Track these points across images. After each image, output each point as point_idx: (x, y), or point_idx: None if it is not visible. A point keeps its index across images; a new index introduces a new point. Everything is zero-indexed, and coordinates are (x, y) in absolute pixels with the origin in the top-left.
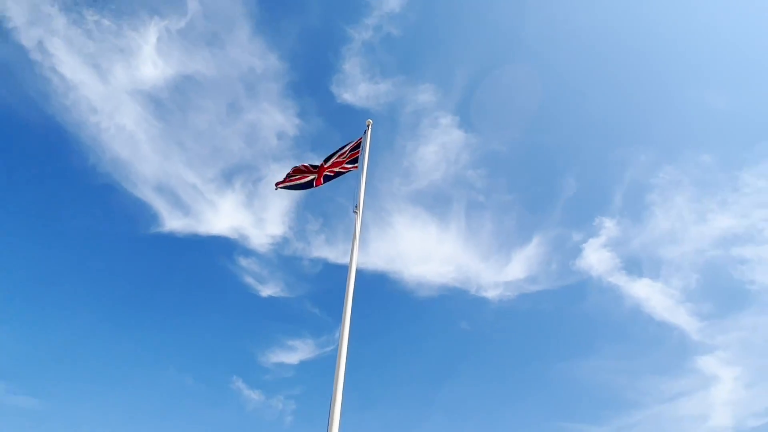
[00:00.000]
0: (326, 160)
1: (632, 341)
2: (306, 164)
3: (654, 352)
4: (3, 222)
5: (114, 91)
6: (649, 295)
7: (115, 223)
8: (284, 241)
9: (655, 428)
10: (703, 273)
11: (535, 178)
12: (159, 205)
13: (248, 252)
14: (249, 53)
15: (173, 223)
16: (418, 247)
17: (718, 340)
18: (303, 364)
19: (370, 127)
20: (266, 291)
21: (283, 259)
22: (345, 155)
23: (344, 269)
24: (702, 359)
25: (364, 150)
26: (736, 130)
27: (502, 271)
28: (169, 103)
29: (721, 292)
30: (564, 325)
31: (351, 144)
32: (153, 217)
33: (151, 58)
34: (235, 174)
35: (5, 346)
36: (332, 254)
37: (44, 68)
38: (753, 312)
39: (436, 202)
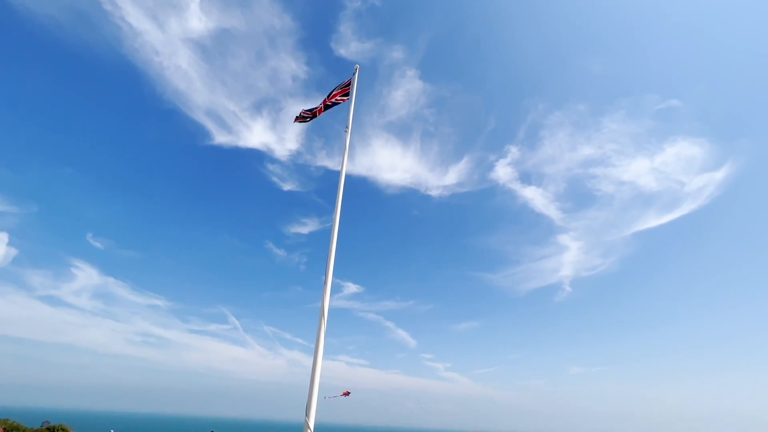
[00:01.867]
0: (328, 96)
1: (519, 224)
2: (306, 110)
3: (532, 231)
4: (100, 134)
5: (170, 38)
6: (534, 196)
7: (180, 136)
8: (298, 153)
9: (527, 276)
10: (569, 183)
11: (468, 117)
12: (210, 125)
13: (274, 160)
14: (270, 14)
15: (221, 138)
16: (388, 161)
17: (572, 225)
18: (311, 234)
19: (357, 70)
20: (287, 187)
21: (297, 166)
22: (340, 91)
23: (338, 173)
24: (560, 236)
25: (352, 86)
26: (603, 87)
27: (442, 179)
28: (212, 50)
29: (577, 196)
30: (479, 214)
31: (343, 83)
32: (207, 134)
33: (196, 14)
34: (263, 105)
35: (116, 216)
36: (331, 164)
37: (115, 17)
38: (595, 209)
39: (401, 131)
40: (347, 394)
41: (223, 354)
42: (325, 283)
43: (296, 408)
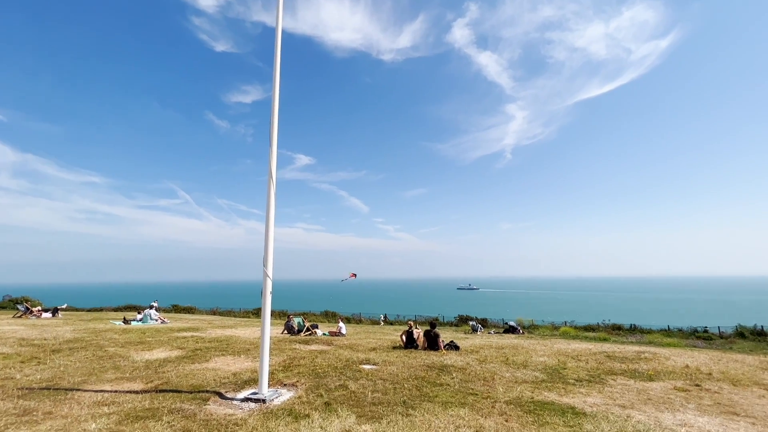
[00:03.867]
0: None
1: (471, 93)
2: None
3: (482, 101)
4: None
5: None
6: (488, 63)
7: None
8: (227, 4)
9: (474, 145)
10: (524, 49)
11: None
12: None
13: (199, 12)
14: None
15: None
16: (335, 17)
17: (521, 94)
18: (255, 103)
19: None
20: (219, 47)
21: (229, 21)
22: None
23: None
24: (508, 106)
25: None
26: None
27: (395, 41)
28: None
29: (530, 63)
30: (432, 82)
31: None
32: None
33: None
34: None
35: (12, 81)
36: (269, 19)
37: None
38: (545, 77)
39: None
40: (354, 276)
41: (178, 226)
42: (270, 144)
43: (256, 268)
